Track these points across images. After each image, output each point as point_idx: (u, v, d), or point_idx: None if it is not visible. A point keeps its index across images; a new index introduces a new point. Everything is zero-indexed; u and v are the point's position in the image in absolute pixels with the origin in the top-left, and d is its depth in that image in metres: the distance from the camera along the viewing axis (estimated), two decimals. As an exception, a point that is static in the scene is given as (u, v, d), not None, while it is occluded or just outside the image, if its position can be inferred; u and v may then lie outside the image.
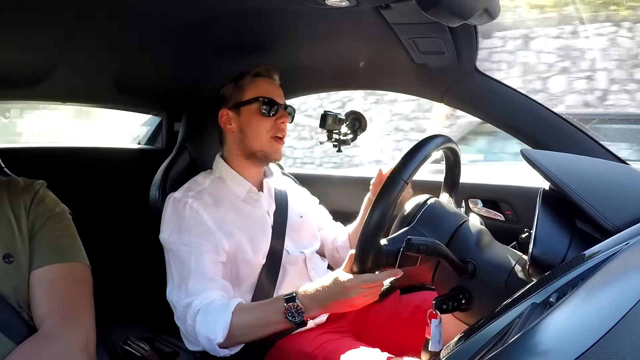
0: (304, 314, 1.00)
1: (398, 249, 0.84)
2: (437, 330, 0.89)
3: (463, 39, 1.12)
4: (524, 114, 1.25)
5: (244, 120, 1.22)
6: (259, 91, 1.22)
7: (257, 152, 1.23)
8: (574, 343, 0.38)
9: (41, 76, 1.33)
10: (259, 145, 1.22)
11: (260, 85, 1.23)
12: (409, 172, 0.84)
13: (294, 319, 1.00)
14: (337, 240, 1.40)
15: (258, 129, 1.21)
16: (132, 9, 1.02)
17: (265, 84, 1.24)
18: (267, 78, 1.26)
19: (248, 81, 1.23)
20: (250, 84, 1.23)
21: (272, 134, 1.22)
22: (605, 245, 0.60)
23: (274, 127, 1.22)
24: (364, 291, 0.94)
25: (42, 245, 0.84)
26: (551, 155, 0.84)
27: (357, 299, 0.95)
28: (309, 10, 0.96)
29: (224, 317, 1.02)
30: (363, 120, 1.55)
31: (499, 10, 0.87)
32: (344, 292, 0.95)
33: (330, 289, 0.98)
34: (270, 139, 1.22)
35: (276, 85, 1.27)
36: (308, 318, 1.02)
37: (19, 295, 0.81)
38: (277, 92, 1.25)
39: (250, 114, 1.22)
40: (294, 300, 1.01)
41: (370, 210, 0.84)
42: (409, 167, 0.84)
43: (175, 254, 1.12)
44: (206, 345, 1.04)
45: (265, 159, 1.25)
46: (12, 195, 0.86)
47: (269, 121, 1.21)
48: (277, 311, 1.02)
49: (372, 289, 0.94)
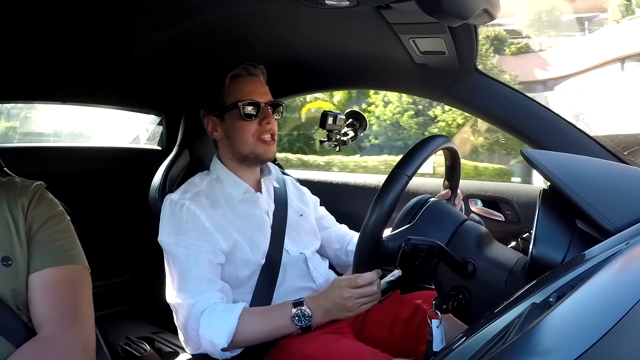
0: (312, 318, 1.04)
1: (399, 246, 0.84)
2: (439, 330, 0.89)
3: (463, 39, 1.12)
4: (524, 114, 1.25)
5: (228, 127, 1.21)
6: (239, 94, 1.18)
7: (248, 155, 1.21)
8: (573, 343, 0.38)
9: (41, 76, 1.33)
10: (248, 149, 1.20)
11: (240, 87, 1.19)
12: (413, 167, 0.84)
13: (300, 324, 1.03)
14: (349, 244, 1.41)
15: (243, 134, 1.19)
16: (133, 9, 1.02)
17: (245, 84, 1.20)
18: (247, 77, 1.22)
19: (227, 85, 1.19)
20: (229, 88, 1.19)
21: (257, 136, 1.19)
22: (605, 245, 0.60)
23: (259, 130, 1.19)
24: (360, 301, 1.01)
25: (40, 247, 0.83)
26: (551, 155, 0.84)
27: (354, 307, 1.02)
28: (309, 10, 0.95)
29: (230, 322, 1.03)
30: (363, 120, 1.56)
31: (499, 10, 0.87)
32: (343, 301, 1.01)
33: (331, 297, 1.04)
34: (257, 140, 1.19)
35: (259, 82, 1.23)
36: (315, 325, 1.05)
37: (17, 298, 0.81)
38: (259, 90, 1.21)
39: (232, 119, 1.19)
40: (302, 304, 1.04)
41: (373, 204, 0.84)
42: (413, 163, 0.85)
43: (173, 256, 1.12)
44: (208, 348, 1.05)
45: (257, 161, 1.24)
46: (10, 196, 0.85)
47: (252, 124, 1.18)
48: (284, 316, 1.04)
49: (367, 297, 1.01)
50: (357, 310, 1.02)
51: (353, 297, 1.01)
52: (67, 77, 1.38)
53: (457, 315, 0.88)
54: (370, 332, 1.24)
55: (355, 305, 1.01)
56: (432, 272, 0.91)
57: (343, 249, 1.41)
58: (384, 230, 0.84)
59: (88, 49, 1.22)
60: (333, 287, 1.05)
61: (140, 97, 1.74)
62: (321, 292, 1.08)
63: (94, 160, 1.87)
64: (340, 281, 1.04)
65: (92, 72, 1.41)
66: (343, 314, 1.04)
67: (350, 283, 1.01)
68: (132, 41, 1.22)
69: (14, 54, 1.18)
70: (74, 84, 1.49)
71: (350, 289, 1.01)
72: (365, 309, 1.03)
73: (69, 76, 1.38)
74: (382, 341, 1.17)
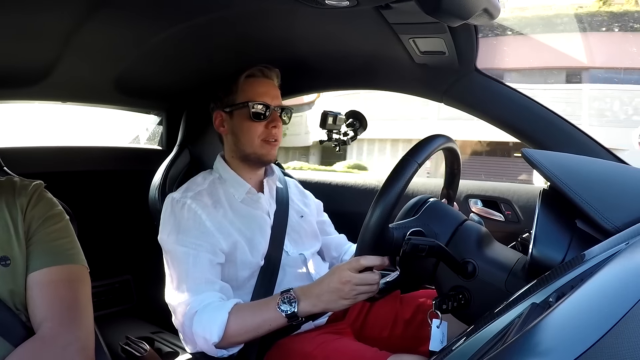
0: (296, 304, 0.99)
1: (403, 235, 0.84)
2: (440, 330, 0.89)
3: (463, 39, 1.12)
4: (524, 114, 1.25)
5: (236, 123, 1.21)
6: (251, 94, 1.19)
7: (250, 154, 1.22)
8: (573, 343, 0.38)
9: (41, 75, 1.33)
10: (251, 149, 1.21)
11: (253, 87, 1.20)
12: (423, 156, 0.86)
13: (286, 310, 0.99)
14: (346, 254, 1.41)
15: (249, 133, 1.19)
16: (133, 8, 1.02)
17: (258, 85, 1.21)
18: (261, 78, 1.23)
19: (241, 83, 1.20)
20: (242, 86, 1.20)
21: (263, 137, 1.20)
22: (605, 245, 0.60)
23: (265, 132, 1.20)
24: (359, 289, 0.94)
25: (39, 247, 0.83)
26: (551, 155, 0.84)
27: (350, 293, 0.94)
28: (308, 10, 0.95)
29: (220, 316, 1.01)
30: (363, 120, 1.56)
31: (499, 10, 0.88)
32: (340, 286, 0.95)
33: (326, 282, 0.98)
34: (261, 142, 1.20)
35: (272, 86, 1.24)
36: (302, 314, 1.00)
37: (16, 298, 0.81)
38: (271, 93, 1.21)
39: (241, 117, 1.20)
40: (288, 291, 1.01)
41: (382, 188, 0.84)
42: (423, 152, 0.87)
43: (173, 255, 1.12)
44: (203, 346, 1.04)
45: (258, 162, 1.24)
46: (8, 196, 0.85)
47: (259, 126, 1.19)
48: (271, 305, 1.01)
49: (366, 286, 0.94)
50: (352, 298, 0.95)
51: (352, 282, 0.93)
52: (67, 77, 1.38)
53: (457, 315, 0.88)
54: (370, 332, 1.24)
55: (352, 292, 0.94)
56: (432, 272, 0.91)
57: (339, 257, 1.42)
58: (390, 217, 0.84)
59: (88, 48, 1.22)
60: (331, 272, 0.99)
61: (140, 96, 1.74)
62: (316, 280, 1.04)
63: (94, 160, 1.87)
64: (340, 265, 0.98)
65: (92, 71, 1.41)
66: (337, 302, 0.96)
67: (352, 265, 0.93)
68: (132, 41, 1.22)
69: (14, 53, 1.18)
70: (74, 84, 1.49)
71: (350, 271, 0.93)
72: (361, 299, 0.96)
73: (69, 76, 1.38)
74: (382, 341, 1.18)
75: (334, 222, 1.49)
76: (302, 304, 0.99)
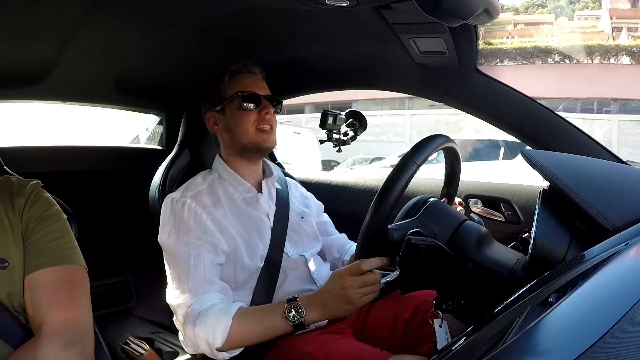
0: (304, 314, 1.00)
1: (402, 237, 0.84)
2: (442, 329, 0.89)
3: (463, 39, 1.12)
4: (524, 114, 1.25)
5: (228, 118, 1.23)
6: (239, 87, 1.22)
7: (247, 145, 1.22)
8: (573, 343, 0.38)
9: (41, 75, 1.33)
10: (247, 138, 1.21)
11: (239, 81, 1.23)
12: (422, 157, 0.87)
13: (293, 320, 1.00)
14: (347, 254, 1.40)
15: (242, 123, 1.21)
16: (133, 8, 1.02)
17: (244, 79, 1.24)
18: (246, 73, 1.26)
19: (227, 80, 1.24)
20: (229, 83, 1.23)
21: (257, 125, 1.21)
22: (605, 245, 0.60)
23: (258, 119, 1.21)
24: (362, 291, 0.96)
25: (36, 248, 0.82)
26: (551, 155, 0.84)
27: (355, 297, 0.96)
28: (308, 10, 0.95)
29: (224, 321, 1.01)
30: (363, 120, 1.56)
31: (499, 11, 0.87)
32: (343, 292, 0.96)
33: (329, 290, 1.00)
34: (256, 130, 1.21)
35: (257, 78, 1.27)
36: (309, 322, 1.02)
37: (14, 300, 0.80)
38: (257, 84, 1.24)
39: (233, 110, 1.22)
40: (295, 300, 1.02)
41: (382, 189, 0.84)
42: (422, 153, 0.87)
43: (173, 255, 1.11)
44: (205, 349, 1.04)
45: (257, 151, 1.24)
46: (5, 197, 0.84)
47: (252, 114, 1.21)
48: (277, 313, 1.02)
49: (369, 287, 0.96)
50: (358, 301, 0.96)
51: (354, 286, 0.95)
52: (67, 77, 1.38)
53: (457, 315, 0.88)
54: (370, 332, 1.23)
55: (357, 296, 0.95)
56: (432, 272, 0.91)
57: (341, 258, 1.41)
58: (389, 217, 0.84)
59: (89, 48, 1.22)
60: (332, 279, 1.00)
61: (140, 96, 1.74)
62: (319, 289, 1.06)
63: (94, 160, 1.87)
64: (340, 271, 0.99)
65: (92, 71, 1.41)
66: (343, 307, 0.98)
67: (351, 270, 0.95)
68: (133, 41, 1.22)
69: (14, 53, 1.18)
70: (74, 84, 1.49)
71: (351, 277, 0.95)
72: (367, 300, 0.97)
73: (69, 76, 1.38)
74: (382, 341, 1.17)
75: (334, 222, 1.49)
76: (310, 313, 1.01)
